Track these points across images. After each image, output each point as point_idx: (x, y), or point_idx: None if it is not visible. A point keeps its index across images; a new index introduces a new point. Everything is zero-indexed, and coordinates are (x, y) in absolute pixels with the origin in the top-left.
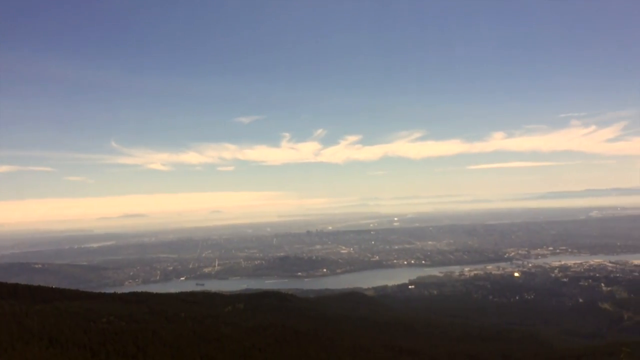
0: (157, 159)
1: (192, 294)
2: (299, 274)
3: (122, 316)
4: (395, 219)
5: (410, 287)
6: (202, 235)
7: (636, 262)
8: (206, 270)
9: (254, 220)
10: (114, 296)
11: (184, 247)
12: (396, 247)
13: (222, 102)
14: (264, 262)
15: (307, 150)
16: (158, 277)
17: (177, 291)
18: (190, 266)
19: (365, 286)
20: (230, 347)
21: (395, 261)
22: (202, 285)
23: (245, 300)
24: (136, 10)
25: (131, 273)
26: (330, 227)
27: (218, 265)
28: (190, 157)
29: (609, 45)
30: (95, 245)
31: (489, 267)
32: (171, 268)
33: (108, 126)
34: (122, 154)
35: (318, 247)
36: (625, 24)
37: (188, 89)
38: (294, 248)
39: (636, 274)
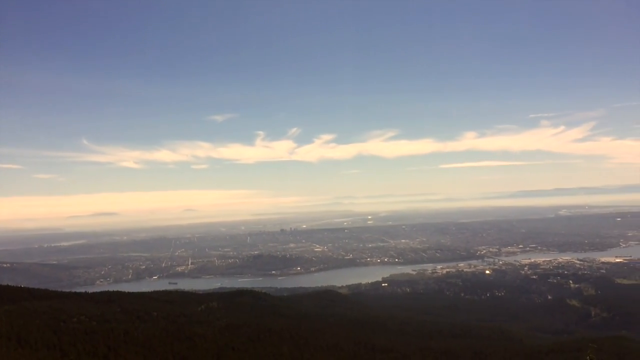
0: (129, 157)
1: (165, 293)
2: (273, 272)
3: (93, 316)
4: (369, 217)
5: (383, 285)
6: (175, 234)
7: (603, 259)
8: (179, 269)
9: (227, 218)
10: (84, 296)
11: (157, 245)
12: (370, 245)
13: (195, 100)
14: (237, 260)
15: (281, 149)
16: (130, 276)
17: (149, 290)
18: (163, 265)
19: (339, 284)
20: (203, 346)
21: (368, 259)
22: (175, 284)
23: (218, 299)
24: (108, 10)
25: (102, 272)
26: (304, 226)
27: (191, 264)
28: (163, 155)
29: (577, 47)
30: (65, 244)
31: (461, 264)
32: (143, 267)
33: (79, 124)
34: (93, 151)
35: (292, 245)
36: (594, 27)
37: (161, 87)
38: (267, 246)
39: (603, 271)
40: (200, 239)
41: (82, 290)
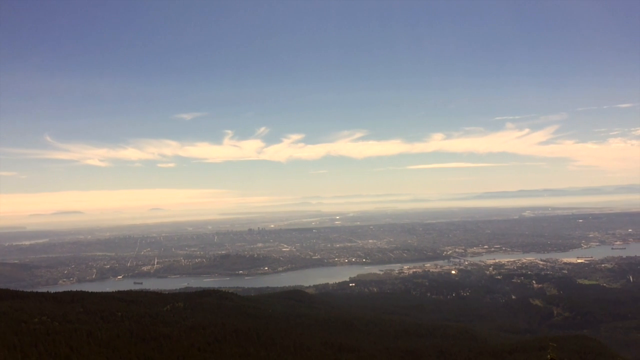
0: (94, 155)
1: (130, 293)
2: (240, 272)
3: (55, 316)
4: (337, 217)
5: (351, 285)
6: (141, 233)
7: (565, 260)
8: (145, 268)
9: (194, 218)
10: (46, 295)
11: (122, 245)
12: (337, 245)
13: (163, 98)
14: (204, 260)
15: (249, 148)
16: (94, 276)
17: (113, 290)
18: (128, 264)
19: (306, 284)
20: (168, 346)
21: (336, 259)
22: (140, 284)
23: (184, 299)
24: (73, 7)
25: (65, 272)
26: (272, 226)
27: (157, 263)
28: (130, 153)
29: (542, 52)
30: (27, 242)
31: (428, 265)
32: (108, 266)
33: (42, 120)
34: (57, 148)
35: (260, 245)
36: (559, 32)
37: (128, 84)
38: (235, 246)
39: (565, 271)
40: (167, 239)
41: (44, 290)
